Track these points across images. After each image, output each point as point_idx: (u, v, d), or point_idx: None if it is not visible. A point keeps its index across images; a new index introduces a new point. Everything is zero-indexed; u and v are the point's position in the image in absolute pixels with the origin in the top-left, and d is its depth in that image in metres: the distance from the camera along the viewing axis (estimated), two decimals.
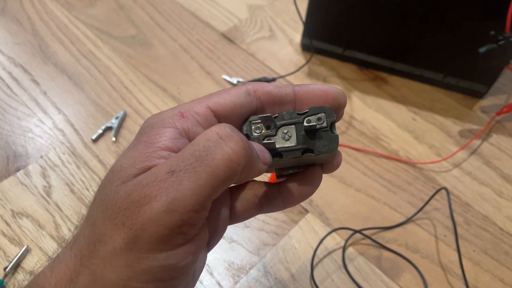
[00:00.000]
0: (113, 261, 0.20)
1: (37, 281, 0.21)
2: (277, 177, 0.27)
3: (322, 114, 0.24)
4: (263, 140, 0.24)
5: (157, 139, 0.22)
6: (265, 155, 0.23)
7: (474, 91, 0.63)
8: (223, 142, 0.20)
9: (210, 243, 0.25)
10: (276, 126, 0.24)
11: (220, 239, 0.25)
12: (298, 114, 0.24)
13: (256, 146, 0.23)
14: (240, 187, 0.27)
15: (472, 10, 0.56)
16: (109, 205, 0.20)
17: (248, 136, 0.24)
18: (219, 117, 0.24)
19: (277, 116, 0.24)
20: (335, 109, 0.24)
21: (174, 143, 0.22)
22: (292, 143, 0.24)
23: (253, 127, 0.24)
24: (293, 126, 0.24)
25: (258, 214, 0.27)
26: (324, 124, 0.24)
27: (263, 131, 0.24)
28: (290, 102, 0.25)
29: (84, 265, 0.20)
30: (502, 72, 0.60)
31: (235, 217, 0.26)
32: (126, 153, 0.22)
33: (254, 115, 0.25)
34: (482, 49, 0.53)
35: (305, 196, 0.26)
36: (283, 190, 0.26)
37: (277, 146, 0.24)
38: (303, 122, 0.24)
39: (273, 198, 0.26)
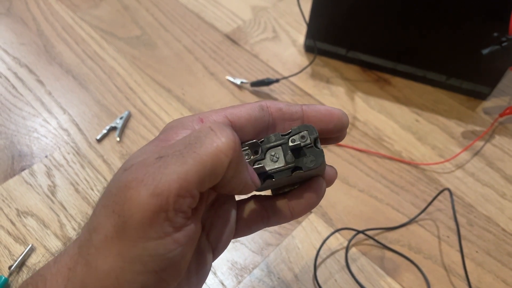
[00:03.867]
0: (105, 250, 0.20)
1: (40, 271, 0.22)
2: (273, 196, 0.28)
3: (305, 132, 0.25)
4: (253, 165, 0.25)
5: (173, 137, 0.23)
6: (254, 175, 0.24)
7: (477, 92, 0.63)
8: (213, 133, 0.20)
9: (215, 252, 0.26)
10: (263, 150, 0.25)
11: (225, 249, 0.26)
12: (282, 135, 0.25)
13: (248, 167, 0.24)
14: (247, 200, 0.27)
15: (475, 11, 0.56)
16: (106, 193, 0.21)
17: None
18: (235, 127, 0.25)
19: (263, 140, 0.25)
20: (338, 129, 0.26)
21: None
22: (280, 163, 0.25)
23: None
24: (280, 147, 0.25)
25: (265, 226, 0.27)
26: (308, 141, 0.25)
27: (252, 157, 0.25)
28: (298, 119, 0.26)
29: (82, 255, 0.21)
30: (505, 74, 0.60)
31: (242, 230, 0.27)
32: (142, 148, 0.23)
33: (265, 129, 0.26)
34: (485, 51, 0.53)
35: (311, 206, 0.27)
36: (290, 200, 0.27)
37: (267, 168, 0.25)
38: (288, 142, 0.25)
39: (280, 210, 0.27)
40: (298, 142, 0.25)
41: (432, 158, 0.57)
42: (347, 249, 0.49)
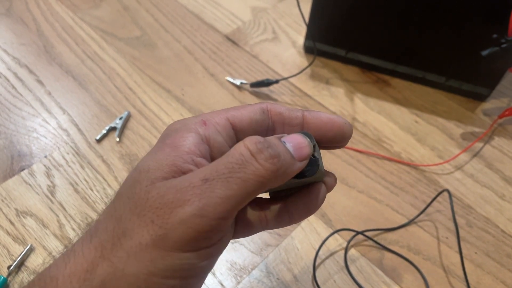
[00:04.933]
0: (137, 255, 0.20)
1: (50, 272, 0.22)
2: (271, 198, 0.28)
3: None
4: None
5: (181, 142, 0.23)
6: (302, 151, 0.23)
7: (477, 94, 0.63)
8: (254, 159, 0.21)
9: None
10: None
11: (223, 250, 0.26)
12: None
13: (293, 142, 0.23)
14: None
15: (475, 13, 0.56)
16: (139, 203, 0.21)
17: None
18: (236, 129, 0.25)
19: None
20: (339, 139, 0.26)
21: (197, 147, 0.23)
22: None
23: None
24: None
25: (264, 230, 0.27)
26: None
27: None
28: (298, 125, 0.26)
29: (105, 257, 0.21)
30: (504, 75, 0.61)
31: (241, 231, 0.27)
32: (152, 155, 0.23)
33: (265, 132, 0.26)
34: (484, 52, 0.53)
35: (310, 212, 0.27)
36: (290, 205, 0.27)
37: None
38: None
39: (279, 214, 0.27)
40: None
41: (431, 159, 0.57)
42: (346, 250, 0.49)
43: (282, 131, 0.27)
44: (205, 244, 0.21)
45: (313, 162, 0.25)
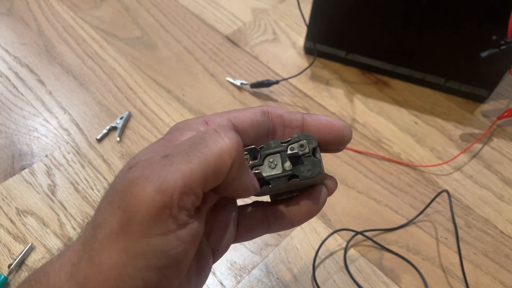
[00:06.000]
0: (109, 245, 0.20)
1: (43, 267, 0.22)
2: (272, 202, 0.28)
3: (304, 141, 0.25)
4: (251, 170, 0.25)
5: (179, 137, 0.23)
6: (254, 179, 0.24)
7: (476, 95, 0.64)
8: (218, 134, 0.21)
9: (215, 255, 0.26)
10: (262, 156, 0.25)
11: (225, 252, 0.26)
12: (282, 142, 0.25)
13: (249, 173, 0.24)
14: (249, 205, 0.28)
15: (474, 14, 0.56)
16: (110, 190, 0.21)
17: None
18: (238, 131, 0.25)
19: (263, 146, 0.26)
20: (338, 142, 0.26)
21: None
22: (278, 170, 0.25)
23: None
24: (278, 154, 0.25)
25: (266, 233, 0.28)
26: (306, 150, 0.25)
27: (250, 162, 0.25)
28: (298, 127, 0.26)
29: (86, 251, 0.21)
30: (503, 77, 0.61)
31: (242, 235, 0.27)
32: (148, 147, 0.23)
33: (266, 134, 0.26)
34: (483, 54, 0.53)
35: (312, 214, 0.27)
36: (291, 208, 0.27)
37: (264, 175, 0.25)
38: (286, 150, 0.25)
39: (282, 217, 0.27)
40: (296, 151, 0.25)
41: (430, 160, 0.58)
42: (345, 250, 0.49)
43: (282, 133, 0.27)
44: (172, 227, 0.20)
45: (316, 164, 0.25)
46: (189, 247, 0.21)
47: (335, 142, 0.26)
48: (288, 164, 0.25)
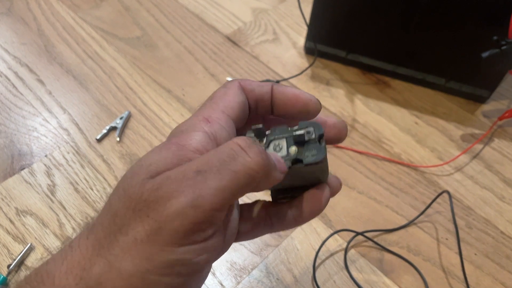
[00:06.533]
0: (133, 252, 0.20)
1: (47, 268, 0.22)
2: (273, 201, 0.28)
3: (311, 128, 0.25)
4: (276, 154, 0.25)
5: (188, 141, 0.23)
6: (282, 164, 0.24)
7: (477, 95, 0.63)
8: (244, 152, 0.22)
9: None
10: (268, 139, 0.25)
11: (226, 251, 0.26)
12: (289, 129, 0.25)
13: (273, 156, 0.24)
14: (251, 204, 0.28)
15: (475, 15, 0.56)
16: (134, 196, 0.21)
17: None
18: (232, 119, 0.25)
19: (270, 130, 0.26)
20: (304, 115, 0.26)
21: (204, 146, 0.23)
22: (283, 153, 0.25)
23: None
24: (284, 139, 0.25)
25: (269, 232, 0.27)
26: (313, 136, 0.25)
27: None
28: (268, 100, 0.27)
29: (101, 255, 0.21)
30: (504, 77, 0.61)
31: (244, 234, 0.27)
32: (157, 152, 0.23)
33: (247, 111, 0.26)
34: (484, 54, 0.53)
35: (315, 213, 0.27)
36: (294, 207, 0.27)
37: None
38: (293, 135, 0.25)
39: (284, 216, 0.27)
40: (302, 134, 0.25)
41: (431, 161, 0.57)
42: (346, 250, 0.49)
43: (255, 107, 0.27)
44: (200, 238, 0.21)
45: (321, 150, 0.25)
46: (211, 256, 0.22)
47: (301, 115, 0.27)
48: (293, 149, 0.25)
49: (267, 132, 0.26)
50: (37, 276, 0.22)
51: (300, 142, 0.25)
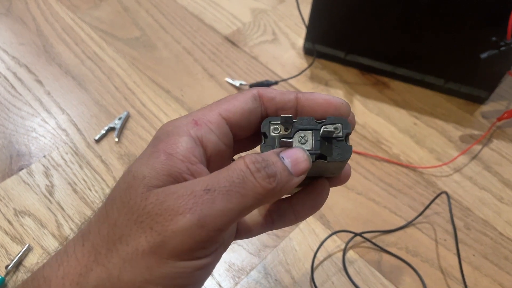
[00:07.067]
0: (133, 262, 0.20)
1: (43, 272, 0.22)
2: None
3: (339, 124, 0.24)
4: (280, 139, 0.24)
5: (175, 149, 0.23)
6: (299, 167, 0.23)
7: (475, 96, 0.63)
8: (252, 177, 0.21)
9: None
10: (293, 129, 0.25)
11: (225, 251, 0.26)
12: (316, 121, 0.25)
13: (291, 157, 0.23)
14: None
15: (474, 16, 0.56)
16: (135, 208, 0.21)
17: (266, 135, 0.25)
18: (231, 124, 0.25)
19: (296, 120, 0.25)
20: None
21: (191, 152, 0.23)
22: (307, 147, 0.24)
23: (272, 127, 0.25)
24: (310, 131, 0.24)
25: (270, 230, 0.27)
26: (340, 134, 0.24)
27: (281, 132, 0.25)
28: (292, 108, 0.26)
29: (99, 263, 0.21)
30: (503, 78, 0.61)
31: (244, 232, 0.27)
32: (146, 161, 0.23)
33: (259, 120, 0.25)
34: (483, 55, 0.53)
35: (315, 208, 0.27)
36: (295, 204, 0.26)
37: (293, 146, 0.24)
38: (320, 129, 0.24)
39: (285, 213, 0.27)
40: (332, 131, 0.24)
41: (430, 162, 0.57)
42: (344, 251, 0.49)
43: (276, 116, 0.26)
44: (201, 254, 0.21)
45: (347, 149, 0.24)
46: (211, 267, 0.23)
47: None
48: (318, 144, 0.24)
49: (293, 120, 0.25)
50: (34, 281, 0.22)
51: (326, 138, 0.24)
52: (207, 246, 0.21)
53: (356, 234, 0.50)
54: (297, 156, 0.23)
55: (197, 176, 0.22)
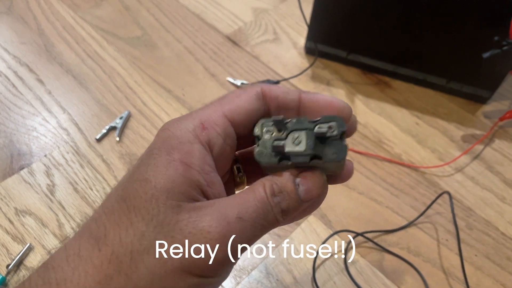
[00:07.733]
0: (162, 276, 0.21)
1: (55, 275, 0.21)
2: None
3: (333, 123, 0.24)
4: (273, 142, 0.24)
5: (191, 159, 0.23)
6: (311, 194, 0.24)
7: (477, 96, 0.63)
8: (272, 212, 0.23)
9: None
10: (287, 129, 0.24)
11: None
12: (310, 121, 0.24)
13: (307, 185, 0.24)
14: None
15: (476, 15, 0.56)
16: (166, 223, 0.21)
17: (258, 138, 0.25)
18: (234, 124, 0.24)
19: (289, 120, 0.24)
20: None
21: (205, 161, 0.23)
22: (301, 148, 0.24)
23: (264, 129, 0.25)
24: (304, 132, 0.24)
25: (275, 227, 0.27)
26: (335, 133, 0.24)
27: (274, 134, 0.24)
28: (294, 108, 0.25)
29: (121, 272, 0.21)
30: (505, 78, 0.61)
31: None
32: (165, 171, 0.22)
33: (262, 117, 0.25)
34: (485, 55, 0.53)
35: (315, 205, 0.26)
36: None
37: (286, 149, 0.24)
38: (314, 129, 0.24)
39: None
40: (325, 131, 0.23)
41: (431, 161, 0.57)
42: (346, 251, 0.49)
43: (277, 115, 0.26)
44: (225, 272, 0.23)
45: (342, 148, 0.24)
46: (226, 275, 0.24)
47: None
48: (312, 143, 0.24)
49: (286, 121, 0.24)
50: (45, 285, 0.21)
51: (320, 138, 0.24)
52: (231, 264, 0.23)
53: (357, 234, 0.50)
54: (312, 184, 0.24)
55: (212, 187, 0.23)
